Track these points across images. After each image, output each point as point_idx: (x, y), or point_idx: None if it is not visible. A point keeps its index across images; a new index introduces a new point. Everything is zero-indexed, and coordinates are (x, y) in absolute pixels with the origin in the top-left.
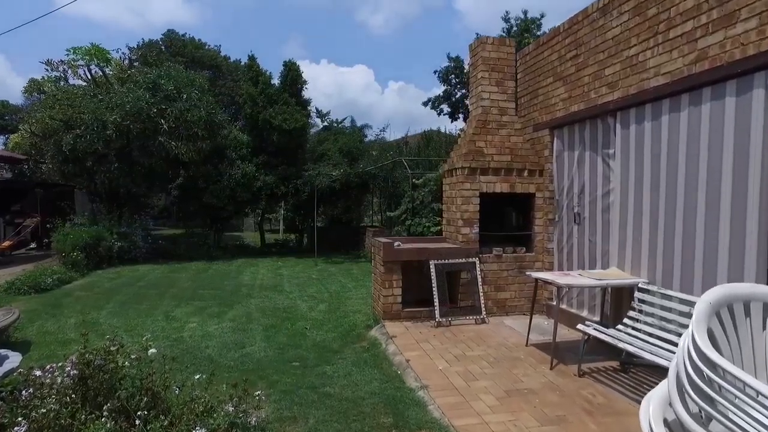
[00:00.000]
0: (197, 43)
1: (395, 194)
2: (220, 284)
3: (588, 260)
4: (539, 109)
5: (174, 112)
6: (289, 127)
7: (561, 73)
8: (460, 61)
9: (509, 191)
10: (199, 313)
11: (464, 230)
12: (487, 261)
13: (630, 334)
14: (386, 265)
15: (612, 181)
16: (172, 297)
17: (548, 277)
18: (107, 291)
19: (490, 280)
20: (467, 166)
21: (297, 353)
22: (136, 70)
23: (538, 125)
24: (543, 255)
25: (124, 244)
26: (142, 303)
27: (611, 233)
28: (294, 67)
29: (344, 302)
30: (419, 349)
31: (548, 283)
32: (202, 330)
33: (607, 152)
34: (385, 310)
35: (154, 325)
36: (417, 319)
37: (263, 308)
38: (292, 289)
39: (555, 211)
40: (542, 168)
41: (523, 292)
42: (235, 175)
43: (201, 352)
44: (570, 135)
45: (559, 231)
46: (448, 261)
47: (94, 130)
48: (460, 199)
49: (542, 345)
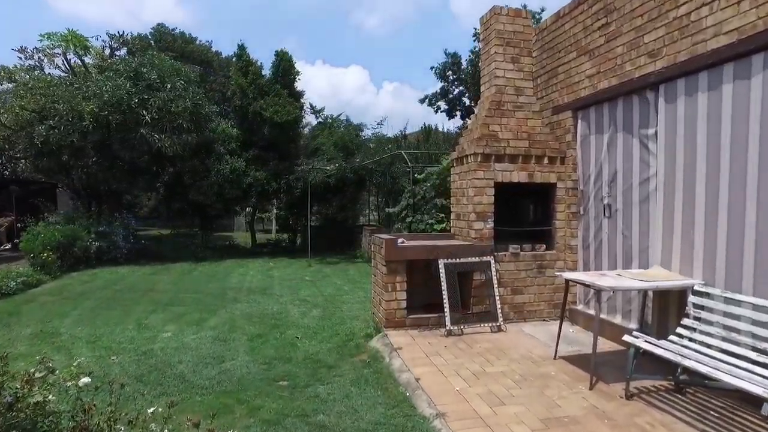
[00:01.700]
0: (187, 38)
1: (394, 190)
2: (204, 287)
3: (621, 258)
4: (559, 89)
5: (157, 102)
6: (280, 119)
7: (586, 47)
8: (458, 57)
9: (527, 181)
10: (177, 321)
11: (477, 225)
12: (503, 260)
13: (687, 347)
14: (389, 266)
15: (652, 167)
16: (149, 302)
17: (585, 279)
18: (78, 295)
19: (506, 281)
20: (480, 152)
21: (286, 369)
22: (118, 58)
23: (559, 107)
24: (565, 253)
25: (103, 244)
26: (114, 309)
27: (651, 227)
28: (286, 57)
29: (340, 307)
30: (430, 365)
31: (585, 285)
32: (177, 340)
33: (646, 133)
34: (387, 317)
35: (123, 335)
36: (424, 326)
37: (250, 314)
38: (282, 293)
39: (579, 203)
40: (564, 155)
41: (543, 296)
42: (224, 171)
43: (172, 368)
44: (598, 116)
45: (585, 225)
46: (459, 260)
47: (69, 121)
48: (472, 189)
49: (573, 358)
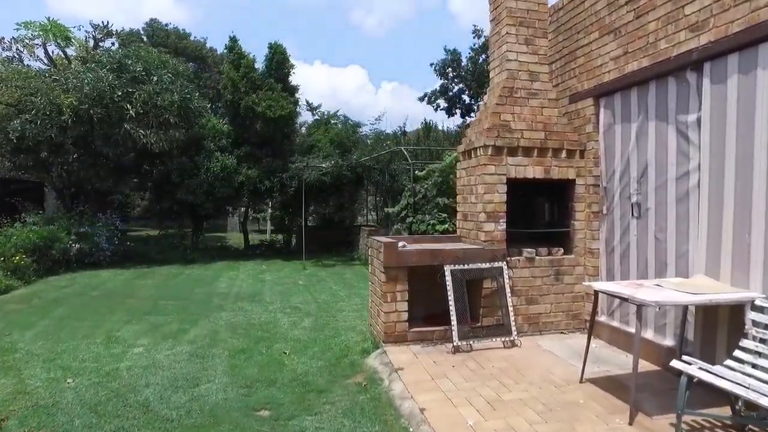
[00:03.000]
0: (181, 34)
1: (393, 189)
2: (188, 293)
3: (654, 264)
4: (578, 74)
5: (142, 96)
6: (274, 114)
7: (611, 24)
8: (458, 53)
9: (543, 177)
10: (152, 333)
11: (488, 227)
12: (517, 266)
13: (751, 375)
14: (388, 273)
15: (693, 159)
16: (125, 310)
17: (620, 291)
18: (49, 303)
19: (519, 289)
20: (491, 144)
21: (269, 395)
22: (102, 50)
23: (578, 95)
24: (585, 257)
25: (85, 247)
26: (85, 319)
27: (692, 228)
28: (280, 50)
29: (335, 316)
30: (436, 390)
31: (621, 299)
32: (148, 358)
33: (685, 120)
34: (386, 331)
35: (88, 352)
36: (428, 341)
37: (234, 325)
38: (273, 299)
39: (602, 202)
40: (583, 147)
41: (560, 305)
42: (214, 169)
43: (136, 393)
44: (624, 103)
45: (609, 227)
46: (467, 266)
47: (47, 114)
48: (482, 186)
49: (602, 381)
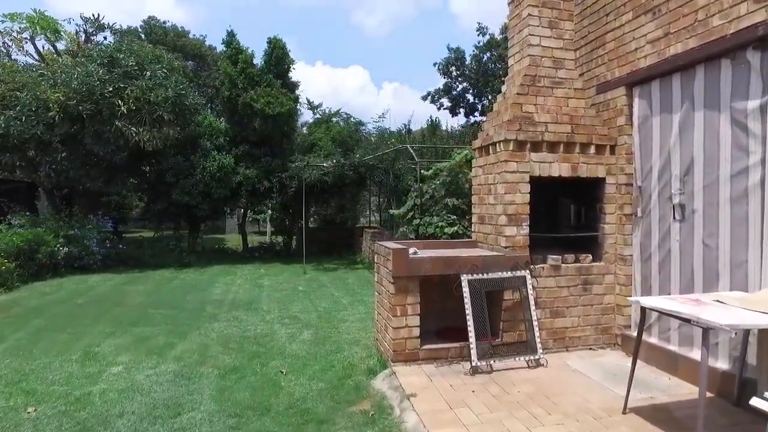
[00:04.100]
0: (180, 32)
1: (397, 190)
2: (180, 300)
3: (701, 275)
4: (607, 62)
5: (134, 91)
6: (273, 111)
7: (648, 3)
8: (461, 52)
9: (570, 175)
10: (136, 348)
11: (509, 231)
12: (540, 274)
13: None
14: (398, 283)
15: (754, 153)
16: (110, 321)
17: (679, 310)
18: (29, 312)
19: (544, 301)
20: (513, 138)
21: (260, 427)
22: (94, 44)
23: (607, 84)
24: (616, 265)
25: (74, 250)
26: (64, 330)
27: (752, 234)
28: (279, 44)
29: (337, 327)
30: (457, 424)
31: (682, 319)
32: (127, 379)
33: (743, 108)
34: (396, 349)
35: (60, 371)
36: (442, 360)
37: (227, 338)
38: (271, 307)
39: (636, 203)
40: (614, 142)
41: (588, 318)
42: (210, 168)
43: (107, 426)
44: (664, 91)
45: (645, 231)
46: (487, 275)
47: (33, 110)
48: (502, 186)
49: (648, 411)
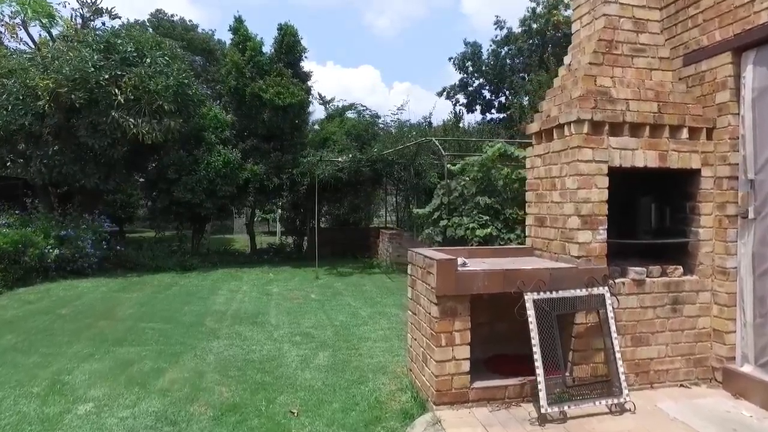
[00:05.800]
0: (188, 26)
1: (418, 187)
2: (177, 312)
3: None
4: (702, 22)
5: (132, 79)
6: (283, 102)
7: None
8: (478, 46)
9: (658, 165)
10: (114, 376)
11: (583, 236)
12: (620, 291)
13: None
14: (443, 304)
15: None
16: (92, 337)
17: None
18: (1, 326)
19: (623, 325)
20: (587, 118)
21: None
22: (90, 29)
23: (704, 51)
24: (714, 279)
25: (66, 252)
26: (35, 351)
27: None
28: (291, 31)
29: (357, 347)
30: None
31: None
32: (95, 424)
33: None
34: (439, 387)
35: (10, 413)
36: (498, 401)
37: (227, 361)
38: (279, 321)
39: (747, 202)
40: (712, 125)
41: (678, 347)
42: (215, 164)
43: None
44: None
45: (760, 237)
46: (557, 294)
47: (20, 99)
48: (573, 179)
49: None
